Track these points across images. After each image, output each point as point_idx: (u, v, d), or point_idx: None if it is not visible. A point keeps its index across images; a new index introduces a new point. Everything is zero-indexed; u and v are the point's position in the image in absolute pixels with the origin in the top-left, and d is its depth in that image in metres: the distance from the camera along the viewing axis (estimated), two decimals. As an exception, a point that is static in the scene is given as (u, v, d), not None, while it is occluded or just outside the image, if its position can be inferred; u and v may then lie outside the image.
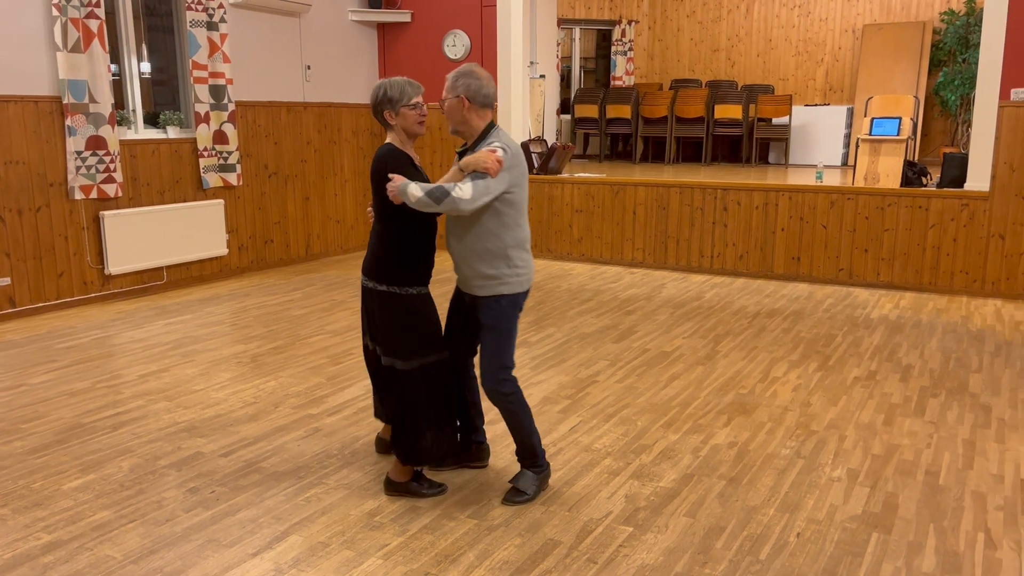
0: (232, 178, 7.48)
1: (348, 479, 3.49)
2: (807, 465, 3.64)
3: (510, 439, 3.77)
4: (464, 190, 2.92)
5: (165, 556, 2.90)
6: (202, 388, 4.63)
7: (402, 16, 8.84)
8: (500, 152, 2.99)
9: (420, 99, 3.14)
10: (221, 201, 7.44)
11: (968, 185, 6.89)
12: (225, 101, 7.28)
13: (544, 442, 3.86)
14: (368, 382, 4.69)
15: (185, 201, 7.19)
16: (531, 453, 3.32)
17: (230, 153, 7.43)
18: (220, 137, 7.33)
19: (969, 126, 8.68)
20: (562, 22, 12.23)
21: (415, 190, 2.93)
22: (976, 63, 7.02)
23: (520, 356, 5.22)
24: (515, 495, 3.27)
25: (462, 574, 2.78)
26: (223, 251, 7.50)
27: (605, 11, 12.85)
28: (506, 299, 3.15)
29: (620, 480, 3.48)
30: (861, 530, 3.08)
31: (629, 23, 12.81)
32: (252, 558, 2.88)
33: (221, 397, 4.49)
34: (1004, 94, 6.62)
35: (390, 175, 3.03)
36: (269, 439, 3.92)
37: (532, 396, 4.49)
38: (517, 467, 3.44)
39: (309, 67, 8.27)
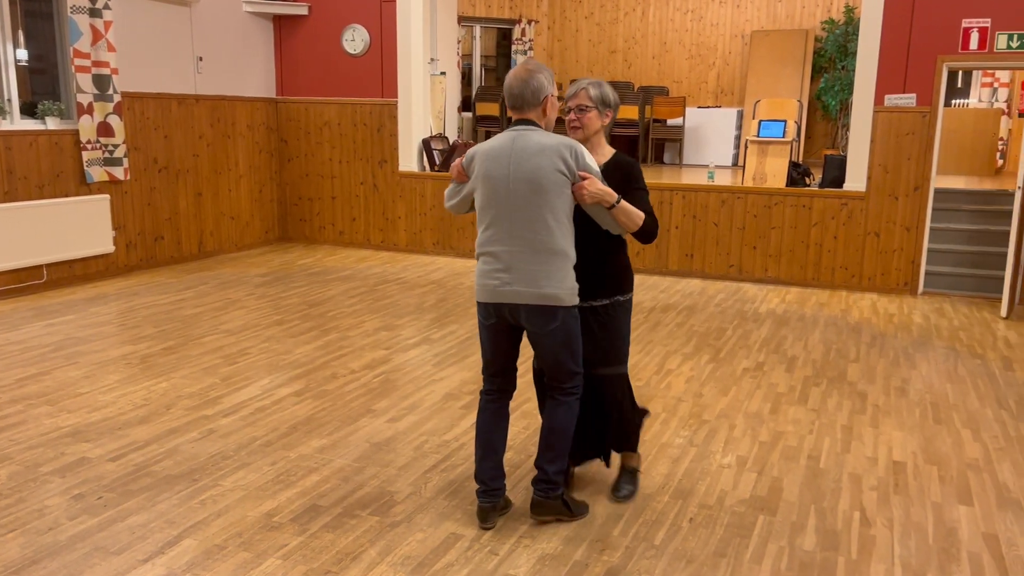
0: (119, 172, 7.16)
1: (245, 480, 3.41)
2: (699, 453, 3.79)
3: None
4: None
5: (48, 566, 2.77)
6: (87, 391, 4.43)
7: (299, 9, 8.67)
8: (461, 160, 3.07)
9: (573, 95, 3.09)
10: (107, 196, 7.11)
11: (847, 185, 7.29)
12: (110, 92, 6.96)
13: (446, 437, 3.89)
14: (266, 381, 4.61)
15: (67, 196, 6.84)
16: None
17: (116, 146, 7.11)
18: (105, 129, 7.00)
19: (848, 129, 9.18)
20: (462, 19, 12.24)
21: None
22: (854, 70, 7.43)
23: (423, 353, 5.22)
24: None
25: (364, 571, 2.77)
26: (109, 248, 7.18)
27: (505, 10, 12.93)
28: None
29: (521, 473, 3.53)
30: (749, 513, 3.23)
31: (529, 23, 12.94)
32: (143, 564, 2.78)
33: (108, 400, 4.30)
34: (879, 100, 7.04)
35: None
36: (161, 442, 3.79)
37: (434, 392, 4.50)
38: (418, 464, 3.44)
39: (201, 58, 8.00)
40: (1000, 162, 10.84)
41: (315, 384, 4.60)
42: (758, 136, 8.24)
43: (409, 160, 8.63)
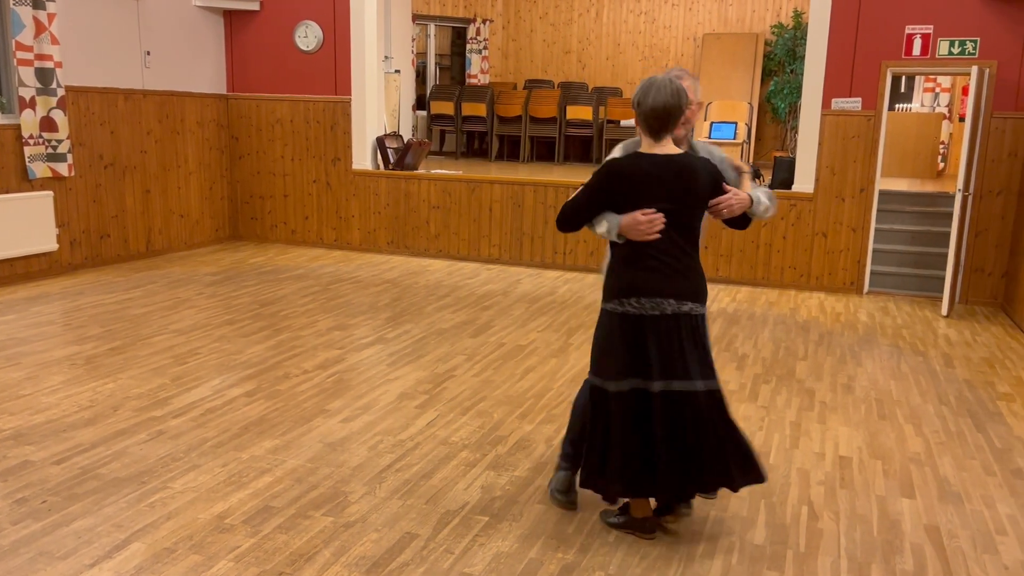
0: (63, 168, 6.97)
1: (196, 482, 3.36)
2: (652, 450, 3.83)
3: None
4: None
5: (-10, 573, 2.69)
6: (30, 392, 4.31)
7: (250, 4, 8.54)
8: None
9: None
10: (50, 193, 6.92)
11: (796, 187, 7.44)
12: (53, 86, 6.78)
13: (401, 437, 3.87)
14: (217, 382, 4.54)
15: (8, 192, 6.64)
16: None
17: (60, 141, 6.92)
18: (48, 124, 6.82)
19: (796, 132, 9.37)
20: (417, 18, 12.19)
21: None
22: (802, 74, 7.59)
23: (377, 352, 5.19)
24: None
25: (318, 572, 2.75)
26: (52, 246, 6.99)
27: (460, 9, 12.91)
28: None
29: (477, 471, 3.54)
30: (700, 508, 3.28)
31: (484, 22, 12.94)
32: (89, 569, 2.72)
33: (52, 402, 4.19)
34: (826, 104, 7.20)
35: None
36: (108, 444, 3.71)
37: (389, 392, 4.48)
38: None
39: (149, 53, 7.84)
40: (941, 165, 11.16)
41: (267, 384, 4.55)
42: (710, 138, 8.37)
43: (363, 158, 8.57)
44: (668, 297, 2.85)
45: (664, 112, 2.83)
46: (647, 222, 2.80)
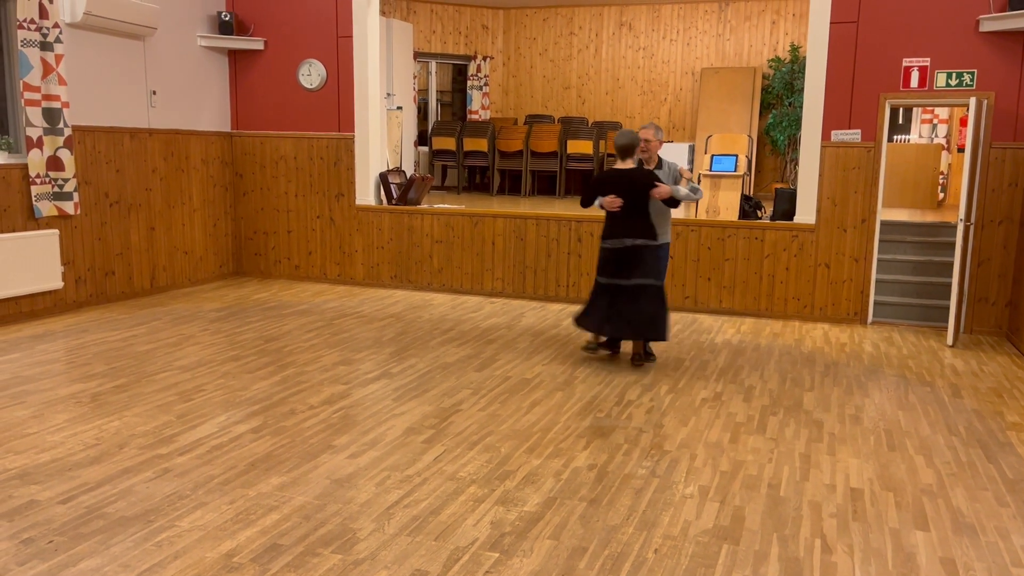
0: (68, 207, 7.02)
1: (203, 520, 3.33)
2: (662, 483, 3.81)
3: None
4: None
5: (-4, 615, 2.66)
6: (35, 431, 4.29)
7: (254, 44, 8.65)
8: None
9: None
10: (56, 231, 6.96)
11: (797, 218, 7.47)
12: (60, 125, 6.85)
13: (408, 472, 3.85)
14: (223, 418, 4.52)
15: (14, 231, 6.67)
16: None
17: (66, 180, 6.97)
18: (55, 163, 6.87)
19: (797, 164, 9.44)
20: (418, 55, 12.34)
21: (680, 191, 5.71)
22: (801, 107, 7.65)
23: (383, 387, 5.18)
24: None
25: (327, 611, 2.71)
26: (58, 284, 7.01)
27: (460, 46, 13.07)
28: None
29: (485, 507, 3.51)
30: (712, 543, 3.25)
31: (484, 59, 13.09)
32: (97, 610, 2.69)
33: (57, 440, 4.17)
34: (825, 136, 7.26)
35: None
36: (114, 483, 3.68)
37: (395, 427, 4.46)
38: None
39: (155, 92, 7.93)
40: (941, 195, 11.22)
41: (273, 420, 4.53)
42: (710, 170, 8.42)
43: (366, 194, 8.62)
44: (625, 237, 5.57)
45: (621, 149, 5.57)
46: (610, 202, 5.58)
